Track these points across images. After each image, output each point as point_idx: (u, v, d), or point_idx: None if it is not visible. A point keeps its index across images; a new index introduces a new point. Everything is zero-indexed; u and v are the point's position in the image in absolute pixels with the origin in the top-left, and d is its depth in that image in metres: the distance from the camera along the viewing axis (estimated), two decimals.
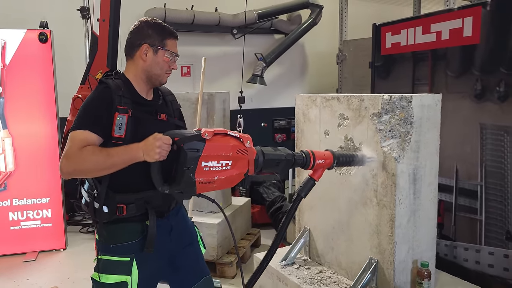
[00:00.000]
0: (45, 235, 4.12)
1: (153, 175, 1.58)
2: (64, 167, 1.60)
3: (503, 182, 2.58)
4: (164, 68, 1.79)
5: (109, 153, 1.59)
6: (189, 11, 5.55)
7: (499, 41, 2.57)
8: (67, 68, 4.78)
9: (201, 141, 1.55)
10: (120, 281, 1.66)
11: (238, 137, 1.63)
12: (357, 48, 5.59)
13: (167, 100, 1.94)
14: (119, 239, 1.71)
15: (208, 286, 2.00)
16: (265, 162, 1.68)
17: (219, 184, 1.59)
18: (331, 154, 1.87)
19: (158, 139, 1.54)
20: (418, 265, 2.07)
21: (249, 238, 3.97)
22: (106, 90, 1.69)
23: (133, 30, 1.80)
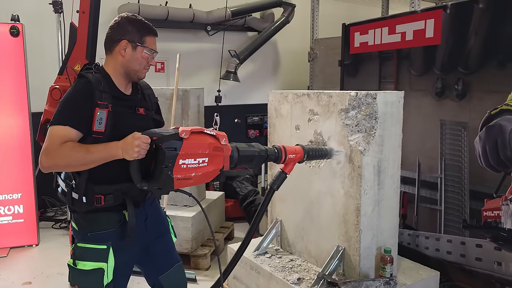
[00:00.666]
0: (17, 231, 4.08)
1: (132, 172, 1.64)
2: (44, 162, 1.65)
3: (460, 175, 2.77)
4: (142, 64, 1.84)
5: (88, 150, 1.64)
6: (163, 7, 5.57)
7: (457, 42, 2.75)
8: (39, 62, 4.72)
9: (178, 140, 1.61)
10: (96, 268, 1.73)
11: (214, 135, 1.71)
12: (327, 46, 5.74)
13: (145, 94, 1.99)
14: (96, 227, 1.77)
15: (180, 272, 2.10)
16: (239, 158, 1.78)
17: (196, 180, 1.67)
18: (301, 149, 1.99)
19: (137, 138, 1.60)
20: (381, 251, 2.22)
21: (222, 231, 4.06)
22: (87, 85, 1.73)
23: (113, 25, 1.84)
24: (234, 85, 6.52)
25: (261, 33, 6.46)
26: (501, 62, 2.50)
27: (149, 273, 2.06)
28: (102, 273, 1.73)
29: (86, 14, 2.80)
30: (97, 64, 1.89)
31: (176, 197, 3.74)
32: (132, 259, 1.92)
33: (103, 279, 1.74)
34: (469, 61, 2.68)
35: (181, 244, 3.51)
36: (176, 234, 3.46)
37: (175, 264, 2.07)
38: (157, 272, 2.02)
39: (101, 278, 1.73)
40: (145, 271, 2.06)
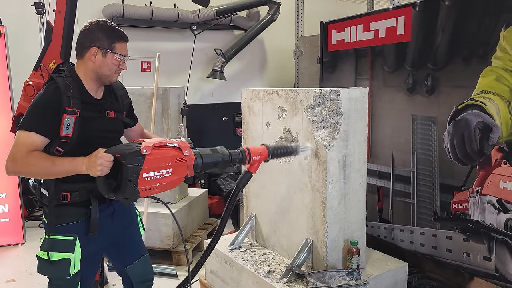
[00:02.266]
0: (2, 230, 4.13)
1: (99, 186, 1.70)
2: (9, 167, 1.71)
3: (431, 168, 2.84)
4: (113, 69, 1.89)
5: (54, 162, 1.70)
6: (148, 7, 5.61)
7: (426, 39, 2.81)
8: (21, 63, 4.73)
9: (141, 156, 1.67)
10: (63, 258, 1.79)
11: (177, 147, 1.77)
12: (312, 44, 5.79)
13: (118, 95, 2.04)
14: (63, 220, 1.84)
15: (145, 263, 2.17)
16: (203, 166, 1.84)
17: (161, 188, 1.74)
18: (266, 149, 2.05)
19: (100, 157, 1.65)
20: (349, 243, 2.28)
21: (205, 228, 4.12)
22: (55, 92, 1.78)
23: (83, 31, 1.88)
24: (221, 84, 6.57)
25: (247, 31, 6.50)
26: (466, 58, 2.57)
27: (116, 264, 2.15)
28: (69, 263, 1.80)
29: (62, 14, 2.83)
30: (71, 64, 1.93)
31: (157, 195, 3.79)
32: (99, 250, 1.99)
33: (70, 268, 1.80)
34: (437, 57, 2.74)
35: (162, 240, 3.57)
36: (157, 230, 3.55)
37: (141, 256, 2.14)
38: (123, 263, 2.10)
39: (68, 268, 1.80)
40: (113, 261, 2.16)
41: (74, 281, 1.85)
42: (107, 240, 1.99)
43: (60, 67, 1.91)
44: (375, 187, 3.28)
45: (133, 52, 1.98)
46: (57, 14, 2.85)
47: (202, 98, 6.64)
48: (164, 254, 3.65)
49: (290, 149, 2.17)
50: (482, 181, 2.50)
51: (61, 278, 1.84)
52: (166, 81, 5.88)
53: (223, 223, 2.08)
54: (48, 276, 1.89)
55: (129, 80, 5.41)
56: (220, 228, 2.08)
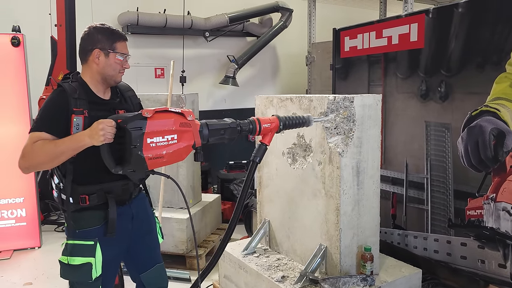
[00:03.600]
0: (19, 234, 4.21)
1: (104, 158, 1.70)
2: (21, 164, 1.77)
3: (444, 174, 2.84)
4: (117, 69, 1.93)
5: (56, 144, 1.73)
6: (162, 14, 5.70)
7: (440, 46, 2.82)
8: (40, 71, 4.85)
9: (143, 119, 1.64)
10: (85, 262, 1.84)
11: (180, 112, 1.72)
12: (324, 50, 5.82)
13: (126, 96, 2.08)
14: (83, 225, 1.88)
15: (160, 272, 2.19)
16: (210, 133, 1.76)
17: (169, 158, 1.68)
18: (276, 118, 1.92)
19: (101, 122, 1.66)
20: (362, 249, 2.29)
21: (218, 233, 4.15)
22: (62, 94, 1.83)
23: (83, 36, 1.93)
24: (233, 90, 6.63)
25: (260, 38, 6.56)
26: (480, 64, 2.57)
27: (131, 270, 2.17)
28: (90, 267, 1.84)
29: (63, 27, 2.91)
30: (77, 73, 1.98)
31: (172, 200, 3.84)
32: (118, 254, 2.03)
33: (92, 273, 1.84)
34: (451, 64, 2.75)
35: (176, 245, 3.61)
36: (171, 235, 3.59)
37: (156, 265, 2.16)
38: (139, 270, 2.13)
39: (90, 272, 1.84)
40: (128, 267, 2.18)
41: (96, 285, 1.89)
42: (125, 245, 2.03)
43: (66, 76, 1.97)
44: (388, 193, 3.28)
45: (147, 58, 2.04)
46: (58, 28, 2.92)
47: (214, 104, 6.71)
48: (178, 259, 3.69)
49: (302, 119, 1.99)
50: (497, 187, 2.49)
51: (83, 283, 1.87)
52: (179, 87, 5.96)
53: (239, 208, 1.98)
54: (70, 281, 1.92)
55: (143, 86, 5.50)
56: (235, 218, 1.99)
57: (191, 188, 3.95)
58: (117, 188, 1.91)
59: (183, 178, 3.81)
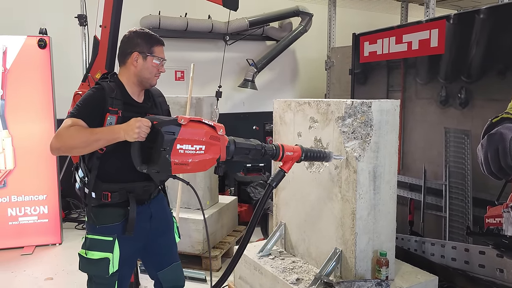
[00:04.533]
0: (41, 230, 4.33)
1: (133, 154, 1.77)
2: (53, 144, 1.81)
3: (463, 182, 2.81)
4: (153, 72, 2.01)
5: (92, 131, 1.80)
6: (183, 18, 5.78)
7: (460, 52, 2.80)
8: (64, 72, 5.00)
9: (177, 126, 1.72)
10: (103, 257, 1.90)
11: (212, 125, 1.79)
12: (344, 55, 5.81)
13: (157, 102, 2.16)
14: (104, 221, 1.95)
15: (176, 271, 2.23)
16: (236, 150, 1.84)
17: (193, 166, 1.75)
18: (299, 148, 2.00)
19: (138, 120, 1.74)
20: (378, 254, 2.29)
21: (234, 235, 4.19)
22: (100, 91, 1.92)
23: (123, 40, 2.03)
24: (252, 93, 6.67)
25: (279, 42, 6.59)
26: (501, 71, 2.54)
27: (149, 268, 2.22)
28: (108, 262, 1.90)
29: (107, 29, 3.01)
30: (115, 73, 2.07)
31: (189, 201, 3.89)
32: (135, 252, 2.08)
33: (109, 267, 1.90)
34: (471, 70, 2.72)
35: (193, 245, 3.66)
36: (188, 236, 3.64)
37: (173, 263, 2.21)
38: (156, 268, 2.18)
39: (107, 267, 1.90)
40: (146, 265, 2.24)
41: (112, 280, 1.95)
42: (142, 243, 2.08)
43: (105, 76, 2.06)
44: (406, 199, 3.26)
45: (167, 61, 2.09)
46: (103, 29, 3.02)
47: (233, 107, 6.76)
48: (194, 259, 3.73)
49: (323, 154, 2.09)
50: None
51: (100, 276, 1.93)
52: (198, 90, 6.03)
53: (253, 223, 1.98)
54: (88, 274, 1.99)
55: (163, 88, 5.52)
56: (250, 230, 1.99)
57: (208, 189, 4.00)
58: (138, 189, 1.98)
59: (201, 180, 3.86)
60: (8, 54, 4.11)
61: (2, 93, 4.12)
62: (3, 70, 4.10)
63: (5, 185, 4.22)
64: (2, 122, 4.15)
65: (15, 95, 4.16)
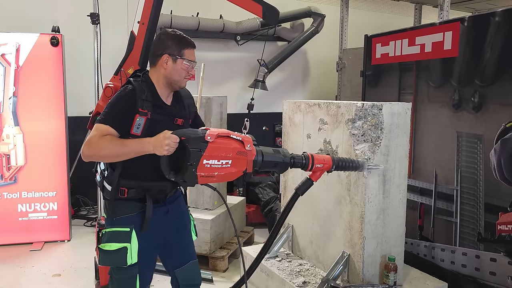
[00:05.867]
0: (51, 226, 4.36)
1: (162, 165, 1.80)
2: (85, 151, 1.85)
3: (475, 187, 2.76)
4: (182, 75, 2.01)
5: (123, 143, 1.85)
6: (195, 18, 5.79)
7: (474, 55, 2.75)
8: (76, 70, 5.03)
9: (204, 143, 1.74)
10: (120, 247, 1.91)
11: (240, 140, 1.81)
12: (355, 56, 5.76)
13: (185, 104, 2.16)
14: (120, 212, 1.97)
15: (194, 269, 2.23)
16: (263, 163, 1.85)
17: (219, 178, 1.80)
18: (330, 159, 1.99)
19: (167, 138, 1.76)
20: (386, 259, 2.26)
21: (242, 236, 4.17)
22: (131, 93, 1.94)
23: (154, 41, 2.05)
24: (263, 94, 6.64)
25: (291, 42, 6.56)
26: None
27: (166, 265, 2.23)
28: (126, 252, 1.91)
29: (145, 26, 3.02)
30: (146, 71, 2.09)
31: (197, 200, 3.89)
32: (153, 247, 2.08)
33: (127, 257, 1.91)
34: (485, 74, 2.68)
35: (200, 245, 3.65)
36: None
37: (190, 261, 2.20)
38: (173, 265, 2.18)
39: (125, 257, 1.91)
40: (164, 262, 2.23)
41: (132, 273, 1.95)
42: (159, 239, 2.08)
43: (137, 73, 2.07)
44: (416, 203, 3.21)
45: None
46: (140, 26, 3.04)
47: (243, 107, 6.74)
48: (200, 259, 3.68)
49: (356, 164, 2.06)
50: None
51: (120, 270, 1.95)
52: (208, 90, 6.04)
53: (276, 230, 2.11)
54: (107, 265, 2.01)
55: None
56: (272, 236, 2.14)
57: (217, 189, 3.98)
58: (154, 188, 1.99)
59: None
60: (21, 52, 4.14)
61: (15, 90, 4.16)
62: (16, 67, 4.14)
63: (15, 181, 4.25)
64: (14, 118, 4.19)
65: (27, 92, 4.19)
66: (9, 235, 4.26)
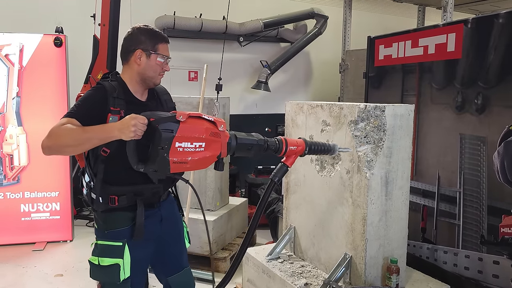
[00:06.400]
0: (53, 226, 4.38)
1: (128, 153, 1.68)
2: (44, 142, 1.73)
3: (478, 189, 2.75)
4: (157, 71, 1.94)
5: (84, 129, 1.71)
6: (198, 19, 5.80)
7: (478, 57, 2.74)
8: (79, 70, 5.02)
9: (175, 123, 1.62)
10: (113, 264, 1.83)
11: (212, 121, 1.70)
12: (358, 58, 5.76)
13: (162, 100, 2.08)
14: (112, 225, 1.89)
15: (187, 276, 2.19)
16: (237, 146, 1.75)
17: (192, 164, 1.68)
18: (303, 142, 1.92)
19: (134, 118, 1.64)
20: (388, 261, 2.25)
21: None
22: (101, 91, 1.84)
23: (127, 36, 1.94)
24: (265, 95, 6.65)
25: (293, 44, 6.57)
26: None
27: (158, 273, 2.17)
28: (118, 269, 1.84)
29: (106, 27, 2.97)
30: (117, 73, 2.00)
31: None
32: (146, 256, 2.03)
33: (120, 274, 1.84)
34: (489, 76, 2.67)
35: (202, 246, 3.65)
36: (197, 236, 3.63)
37: (184, 269, 2.17)
38: (166, 273, 2.13)
39: (118, 273, 1.84)
40: (155, 270, 2.18)
41: (125, 287, 1.89)
42: (152, 247, 2.03)
43: (106, 76, 1.98)
44: (418, 205, 3.20)
45: (181, 61, 2.07)
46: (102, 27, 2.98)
47: (246, 108, 6.76)
48: (202, 260, 3.72)
49: (327, 147, 1.99)
50: None
51: (112, 284, 1.87)
52: (211, 91, 6.04)
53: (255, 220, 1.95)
54: (99, 281, 1.92)
55: (177, 88, 5.60)
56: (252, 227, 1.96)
57: (219, 190, 3.99)
58: (147, 191, 1.92)
59: (211, 181, 3.86)
60: (24, 52, 4.17)
61: (18, 90, 4.18)
62: (20, 68, 4.15)
63: (18, 181, 4.27)
64: (17, 118, 4.21)
65: (30, 92, 4.21)
66: (12, 235, 4.28)
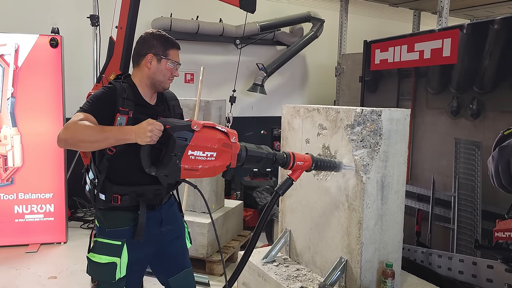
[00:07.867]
0: (47, 228, 4.35)
1: (142, 156, 1.73)
2: (61, 135, 1.73)
3: (473, 194, 2.76)
4: (166, 75, 1.98)
5: (103, 128, 1.75)
6: (194, 21, 5.80)
7: (473, 62, 2.77)
8: (75, 71, 5.04)
9: (190, 131, 1.70)
10: (110, 262, 1.86)
11: (225, 132, 1.78)
12: (354, 62, 5.79)
13: (170, 105, 2.13)
14: (113, 224, 1.91)
15: (188, 277, 2.19)
16: (247, 158, 1.83)
17: (202, 172, 1.74)
18: (310, 158, 2.03)
19: (151, 124, 1.69)
20: (384, 265, 2.25)
21: (239, 239, 4.16)
22: (112, 91, 1.89)
23: (139, 40, 2.01)
24: (261, 97, 6.66)
25: (290, 47, 6.58)
26: None
27: (159, 274, 2.16)
28: (115, 267, 1.86)
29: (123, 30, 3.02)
30: (129, 75, 2.05)
31: (195, 203, 3.88)
32: (145, 258, 2.03)
33: (116, 272, 1.86)
34: (484, 81, 2.69)
35: (197, 249, 3.64)
36: (192, 239, 3.62)
37: (185, 269, 2.16)
38: (167, 274, 2.13)
39: (114, 272, 1.86)
40: (156, 271, 2.17)
41: (120, 286, 1.90)
42: (153, 249, 2.03)
43: (118, 77, 2.04)
44: (413, 209, 3.22)
45: None
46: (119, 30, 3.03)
47: (241, 111, 6.76)
48: (197, 263, 3.71)
49: (333, 164, 2.13)
50: None
51: (107, 282, 1.89)
52: (207, 93, 6.04)
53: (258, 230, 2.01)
54: (95, 278, 1.95)
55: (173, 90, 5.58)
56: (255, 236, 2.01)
57: (214, 193, 3.99)
58: (149, 193, 1.93)
59: (207, 183, 3.85)
60: (20, 53, 4.14)
61: (13, 91, 4.15)
62: (15, 68, 4.13)
63: (12, 182, 4.24)
64: (12, 119, 4.18)
65: (25, 93, 4.19)
66: (5, 237, 4.25)
